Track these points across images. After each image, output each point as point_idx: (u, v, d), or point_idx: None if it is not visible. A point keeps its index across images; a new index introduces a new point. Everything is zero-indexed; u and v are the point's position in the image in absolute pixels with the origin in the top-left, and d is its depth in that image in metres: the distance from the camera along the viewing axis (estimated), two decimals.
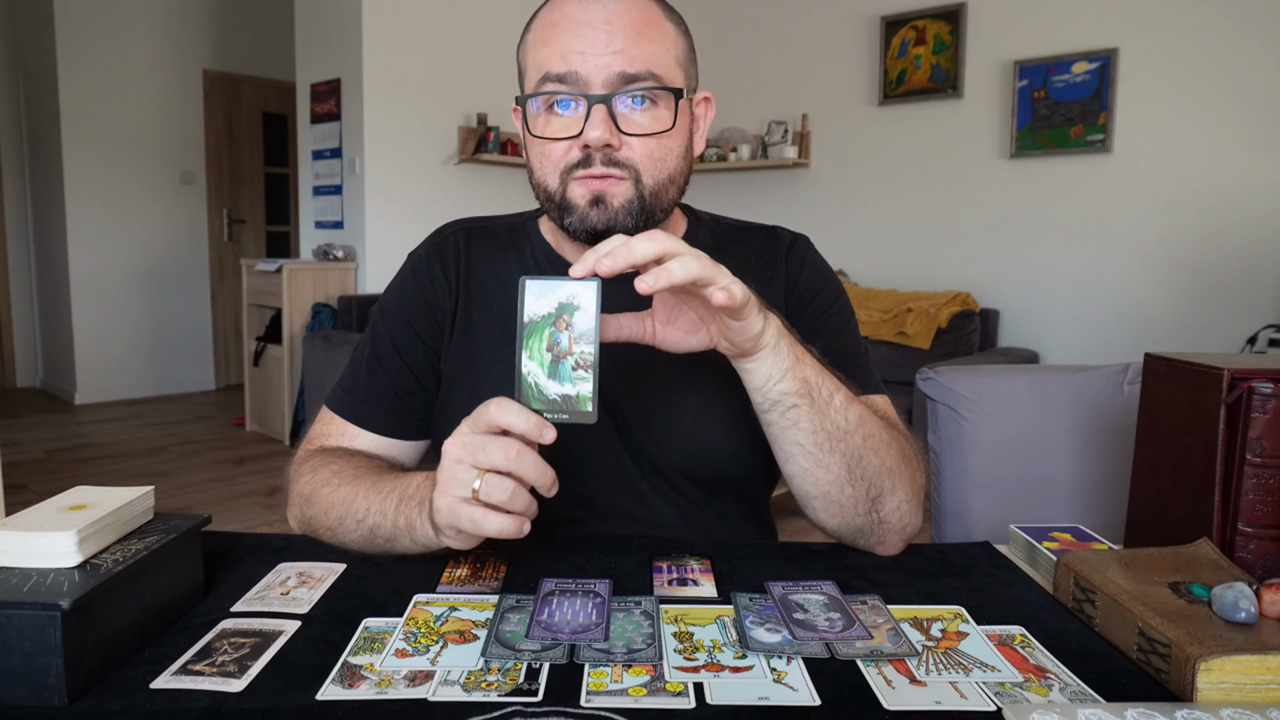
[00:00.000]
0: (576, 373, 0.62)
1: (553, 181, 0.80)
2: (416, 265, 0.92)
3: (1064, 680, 0.56)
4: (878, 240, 4.30)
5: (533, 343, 0.62)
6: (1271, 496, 0.68)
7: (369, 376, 0.90)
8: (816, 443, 0.72)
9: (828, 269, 0.94)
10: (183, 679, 0.55)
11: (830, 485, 0.74)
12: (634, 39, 0.76)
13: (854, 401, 0.74)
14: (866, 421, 0.74)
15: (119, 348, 5.36)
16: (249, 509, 3.34)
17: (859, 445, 0.73)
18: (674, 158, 0.81)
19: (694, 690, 0.54)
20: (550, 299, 0.62)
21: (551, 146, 0.79)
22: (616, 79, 0.76)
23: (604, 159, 0.77)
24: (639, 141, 0.78)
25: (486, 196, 4.71)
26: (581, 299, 0.61)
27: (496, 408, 0.62)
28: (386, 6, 4.19)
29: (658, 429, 0.85)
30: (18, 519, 0.58)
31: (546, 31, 0.79)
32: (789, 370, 0.71)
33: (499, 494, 0.61)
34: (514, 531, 0.62)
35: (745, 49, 4.72)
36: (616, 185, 0.78)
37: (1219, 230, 3.34)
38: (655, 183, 0.79)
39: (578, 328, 0.61)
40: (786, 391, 0.71)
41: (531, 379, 0.62)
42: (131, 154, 5.33)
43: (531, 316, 0.62)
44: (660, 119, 0.78)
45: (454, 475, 0.63)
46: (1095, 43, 3.56)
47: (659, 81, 0.77)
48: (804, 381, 0.71)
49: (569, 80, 0.76)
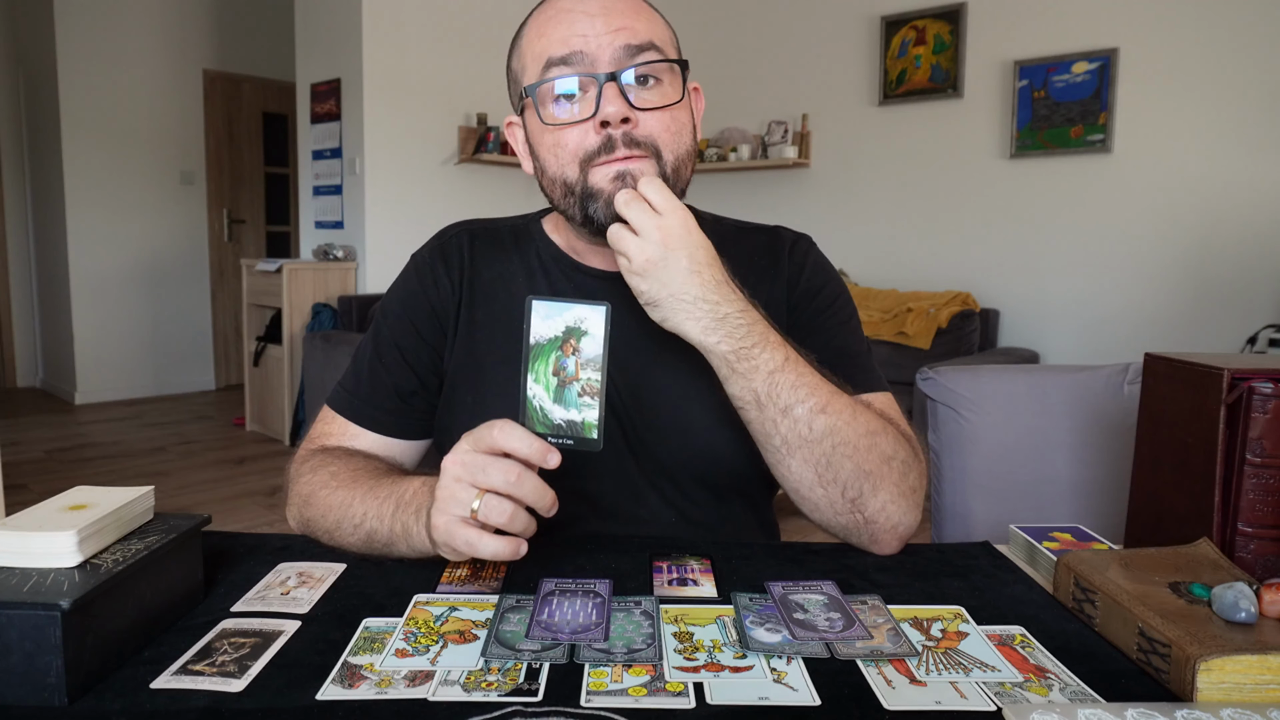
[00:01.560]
0: (583, 399, 0.60)
1: (571, 173, 0.78)
2: (420, 266, 0.92)
3: (1064, 680, 0.56)
4: (878, 240, 4.30)
5: (538, 366, 0.61)
6: (1271, 496, 0.68)
7: (371, 376, 0.90)
8: (772, 446, 0.76)
9: (830, 268, 0.93)
10: (183, 679, 0.55)
11: (799, 484, 0.76)
12: (632, 16, 0.78)
13: (827, 411, 0.74)
14: (838, 430, 0.74)
15: (119, 348, 5.36)
16: (249, 509, 3.34)
17: (827, 451, 0.74)
18: (687, 132, 0.81)
19: (694, 690, 0.54)
20: (558, 321, 0.60)
21: (566, 135, 0.78)
22: (622, 52, 0.76)
23: (624, 139, 0.76)
24: (654, 117, 0.77)
25: (486, 196, 4.71)
26: (590, 324, 0.60)
27: (500, 431, 0.61)
28: (386, 6, 4.19)
29: (664, 429, 0.85)
30: (18, 519, 0.58)
31: (544, 26, 0.79)
32: (727, 379, 0.75)
33: (498, 516, 0.61)
34: (509, 554, 0.62)
35: (745, 49, 4.72)
36: (640, 163, 0.77)
37: (1219, 230, 3.34)
38: (676, 158, 0.79)
39: (585, 353, 0.60)
40: (734, 395, 0.76)
41: (537, 402, 0.61)
42: (131, 154, 5.33)
43: (538, 339, 0.60)
44: (668, 94, 0.79)
45: (453, 494, 0.62)
46: (1095, 43, 3.56)
47: (662, 54, 0.78)
48: (752, 392, 0.74)
49: (573, 61, 0.76)
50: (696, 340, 0.74)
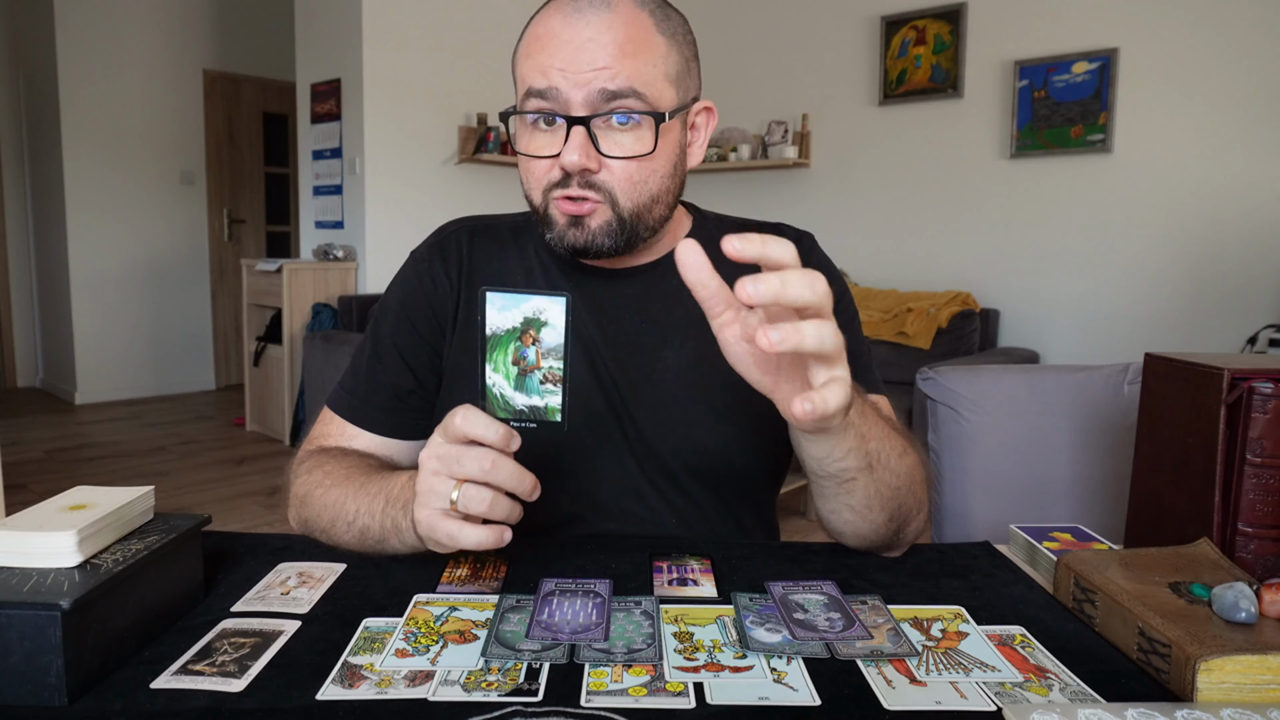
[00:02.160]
0: (545, 386, 0.60)
1: (536, 197, 0.81)
2: (418, 263, 0.92)
3: (1064, 680, 0.56)
4: (878, 240, 4.30)
5: (496, 356, 0.60)
6: (1271, 496, 0.68)
7: (369, 376, 0.90)
8: (868, 504, 0.72)
9: (832, 267, 0.93)
10: (183, 679, 0.55)
11: (868, 530, 0.75)
12: (617, 56, 0.75)
13: (905, 453, 0.73)
14: (913, 470, 0.74)
15: (119, 348, 5.36)
16: (249, 509, 3.34)
17: (904, 493, 0.73)
18: (656, 178, 0.80)
19: (694, 690, 0.54)
20: (515, 313, 0.60)
21: (535, 164, 0.80)
22: (598, 97, 0.75)
23: (580, 181, 0.77)
24: (619, 164, 0.77)
25: (486, 196, 4.71)
26: (550, 315, 0.59)
27: (462, 418, 0.61)
28: (386, 6, 4.19)
29: (666, 428, 0.85)
30: (18, 519, 0.58)
31: (531, 45, 0.78)
32: (852, 449, 0.67)
33: (477, 505, 0.61)
34: (493, 543, 0.61)
35: (745, 49, 4.72)
36: (593, 208, 0.78)
37: (1219, 230, 3.34)
38: (634, 205, 0.79)
39: (546, 343, 0.60)
40: (846, 467, 0.68)
41: (497, 390, 0.61)
42: (131, 154, 5.33)
43: (495, 330, 0.60)
44: (644, 141, 0.77)
45: (431, 487, 0.62)
46: (1095, 43, 3.56)
47: (642, 101, 0.76)
48: (866, 455, 0.68)
49: (549, 96, 0.76)
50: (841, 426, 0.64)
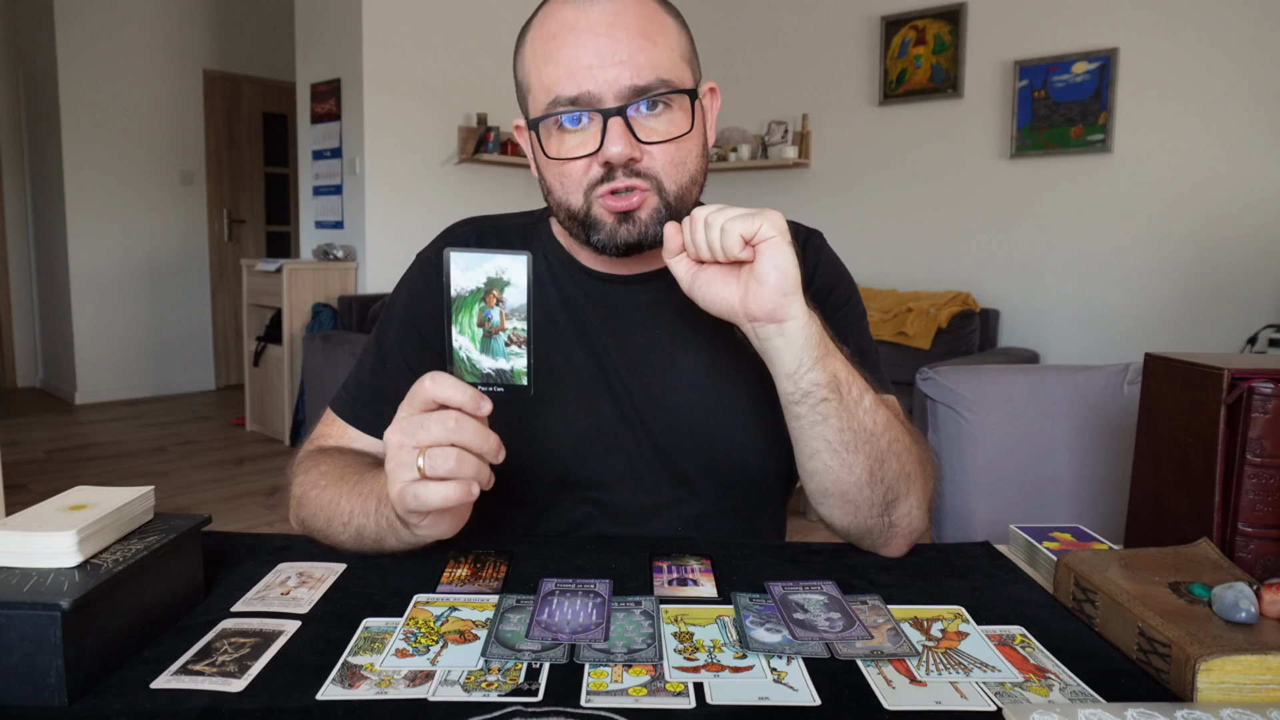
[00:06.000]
0: (510, 348, 0.61)
1: (576, 201, 0.79)
2: (425, 266, 0.91)
3: (1064, 680, 0.56)
4: (877, 240, 4.30)
5: (462, 318, 0.61)
6: (1271, 496, 0.68)
7: (372, 380, 0.90)
8: (843, 441, 0.72)
9: (841, 266, 0.93)
10: (183, 679, 0.55)
11: (850, 485, 0.74)
12: (639, 43, 0.74)
13: (881, 404, 0.74)
14: (893, 425, 0.74)
15: (119, 348, 5.36)
16: (249, 509, 3.34)
17: (884, 449, 0.73)
18: (693, 159, 0.80)
19: (694, 690, 0.54)
20: (478, 273, 0.60)
21: (570, 167, 0.77)
22: (628, 91, 0.74)
23: (626, 171, 0.76)
24: (659, 149, 0.76)
25: (486, 196, 4.71)
26: (512, 274, 0.60)
27: (431, 382, 0.61)
28: (386, 6, 4.19)
29: (682, 434, 0.85)
30: (18, 519, 0.58)
31: (547, 45, 0.76)
32: (819, 360, 0.70)
33: (443, 464, 0.60)
34: (460, 496, 0.61)
35: (745, 49, 4.72)
36: (642, 198, 0.77)
37: (1219, 230, 3.34)
38: (679, 187, 0.78)
39: (509, 303, 0.60)
40: (817, 383, 0.71)
41: (464, 353, 0.61)
42: (131, 154, 5.33)
43: (459, 291, 0.60)
44: (676, 122, 0.77)
45: (398, 460, 0.62)
46: (1095, 43, 3.56)
47: (670, 86, 0.75)
48: (834, 376, 0.71)
49: (581, 101, 0.74)
50: (805, 320, 0.70)
